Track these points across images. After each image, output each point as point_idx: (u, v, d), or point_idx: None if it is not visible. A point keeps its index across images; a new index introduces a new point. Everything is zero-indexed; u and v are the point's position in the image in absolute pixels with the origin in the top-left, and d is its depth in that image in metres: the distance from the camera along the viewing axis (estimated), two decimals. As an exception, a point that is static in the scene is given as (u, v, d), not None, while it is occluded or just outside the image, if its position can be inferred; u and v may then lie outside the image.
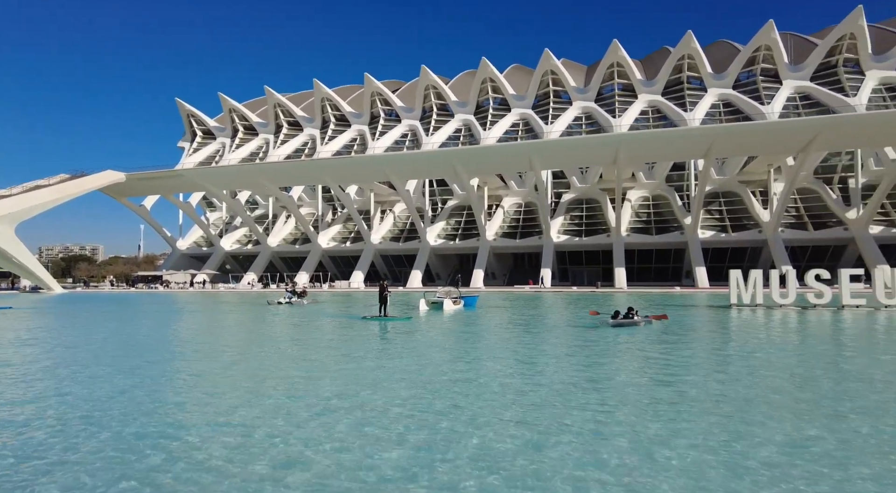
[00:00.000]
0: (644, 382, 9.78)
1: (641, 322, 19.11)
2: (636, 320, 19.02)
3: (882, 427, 6.80)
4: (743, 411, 7.63)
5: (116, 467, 5.71)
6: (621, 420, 7.16)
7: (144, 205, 76.57)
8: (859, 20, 61.15)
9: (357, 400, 8.45)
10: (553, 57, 71.05)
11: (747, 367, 11.26)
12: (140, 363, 12.35)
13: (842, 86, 61.48)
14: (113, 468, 5.66)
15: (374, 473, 5.45)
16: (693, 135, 54.06)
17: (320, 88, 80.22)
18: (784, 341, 16.03)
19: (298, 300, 35.33)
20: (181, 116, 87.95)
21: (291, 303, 34.35)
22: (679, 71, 68.21)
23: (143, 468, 5.66)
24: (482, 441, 6.34)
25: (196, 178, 68.92)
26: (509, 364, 11.88)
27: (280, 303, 34.07)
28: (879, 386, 9.25)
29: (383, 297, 23.68)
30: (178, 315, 28.52)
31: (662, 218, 63.05)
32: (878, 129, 49.04)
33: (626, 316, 19.05)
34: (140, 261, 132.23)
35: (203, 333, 20.52)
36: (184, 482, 5.28)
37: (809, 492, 4.92)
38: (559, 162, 62.01)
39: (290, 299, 35.57)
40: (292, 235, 77.38)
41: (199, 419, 7.52)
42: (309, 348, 15.24)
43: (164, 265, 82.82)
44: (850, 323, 20.34)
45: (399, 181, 62.97)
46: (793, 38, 67.98)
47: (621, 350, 13.83)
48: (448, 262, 71.05)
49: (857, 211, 54.21)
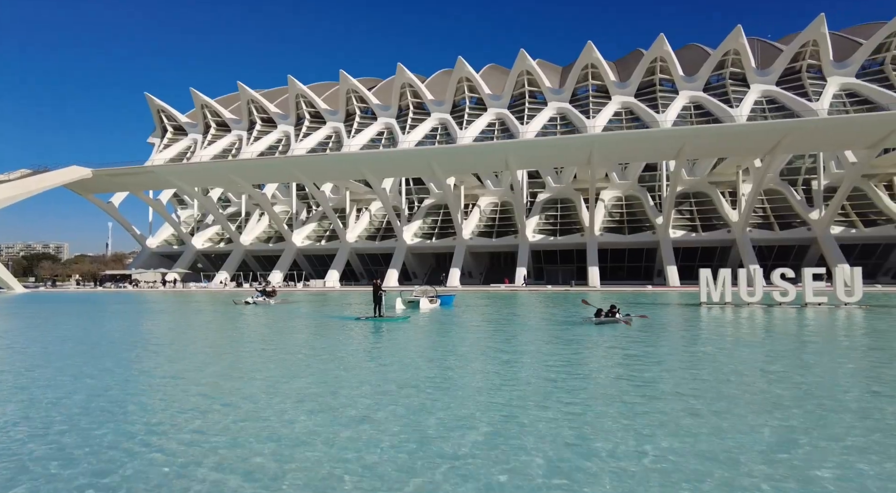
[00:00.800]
0: (631, 375, 10.01)
1: (623, 321, 19.64)
2: (618, 317, 19.55)
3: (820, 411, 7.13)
4: (712, 400, 7.90)
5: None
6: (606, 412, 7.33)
7: (112, 202, 74.46)
8: (821, 28, 63.34)
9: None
10: (529, 57, 71.66)
11: (716, 362, 11.62)
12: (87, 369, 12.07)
13: (805, 91, 63.60)
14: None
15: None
16: (665, 136, 55.16)
17: (295, 84, 79.27)
18: (752, 337, 16.55)
19: (265, 300, 34.07)
20: (151, 111, 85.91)
21: (256, 303, 33.12)
22: (652, 73, 69.57)
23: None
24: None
25: (167, 174, 67.34)
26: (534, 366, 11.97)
27: (248, 303, 33.01)
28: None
29: (377, 297, 22.88)
30: (139, 317, 27.75)
31: (635, 218, 64.18)
32: (839, 133, 50.83)
33: (609, 314, 19.61)
34: (108, 259, 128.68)
35: (169, 336, 20.06)
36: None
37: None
38: (535, 162, 62.56)
39: (256, 298, 34.39)
40: (266, 233, 76.29)
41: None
42: (294, 352, 14.69)
43: (134, 264, 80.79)
44: (812, 320, 21.08)
45: (375, 180, 62.65)
46: (760, 43, 70.03)
47: (608, 346, 14.10)
48: (425, 261, 71.02)
49: (819, 212, 56.11)
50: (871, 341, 15.99)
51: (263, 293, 35.68)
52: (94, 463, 5.81)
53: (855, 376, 10.30)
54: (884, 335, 17.15)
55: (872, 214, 57.53)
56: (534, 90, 73.22)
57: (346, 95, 78.54)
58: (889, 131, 47.48)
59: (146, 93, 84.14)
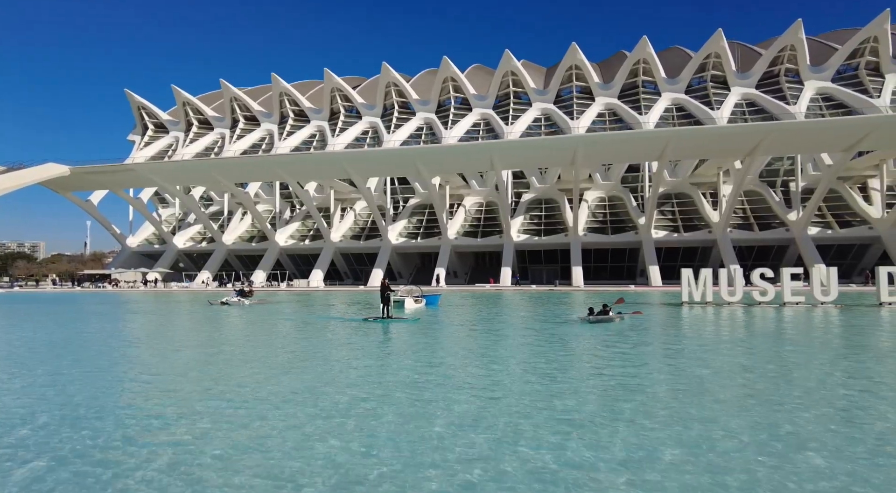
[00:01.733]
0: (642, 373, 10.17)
1: (616, 318, 20.26)
2: (611, 316, 20.14)
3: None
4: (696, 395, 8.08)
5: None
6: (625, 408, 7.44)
7: (91, 200, 73.04)
8: (799, 33, 64.73)
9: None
10: (513, 58, 72.02)
11: (700, 360, 11.85)
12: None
13: (783, 94, 64.94)
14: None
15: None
16: (648, 138, 55.85)
17: (278, 82, 78.63)
18: (732, 335, 16.89)
19: (240, 300, 33.15)
20: (131, 108, 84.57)
21: (229, 303, 32.22)
22: (635, 75, 70.39)
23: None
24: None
25: (148, 173, 66.26)
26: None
27: (223, 303, 32.31)
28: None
29: (386, 297, 21.92)
30: (105, 318, 27.38)
31: (618, 218, 64.87)
32: (816, 136, 51.96)
33: (602, 313, 20.17)
34: (86, 259, 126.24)
35: (144, 336, 19.83)
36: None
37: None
38: (519, 162, 62.87)
39: (231, 299, 33.58)
40: (249, 232, 75.52)
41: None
42: (305, 359, 13.67)
43: (113, 263, 79.37)
44: (790, 319, 21.56)
45: (360, 179, 62.41)
46: (740, 47, 71.31)
47: (609, 344, 14.31)
48: (410, 261, 70.96)
49: (797, 213, 57.30)
50: (844, 339, 16.42)
51: (240, 294, 34.91)
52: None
53: (828, 371, 10.59)
54: (860, 333, 17.61)
55: (847, 216, 58.91)
56: (518, 91, 73.60)
57: (331, 93, 78.13)
58: (863, 135, 48.67)
59: (126, 89, 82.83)
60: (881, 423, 7.04)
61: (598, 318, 19.78)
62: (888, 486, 5.10)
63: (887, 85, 63.05)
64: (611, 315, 20.12)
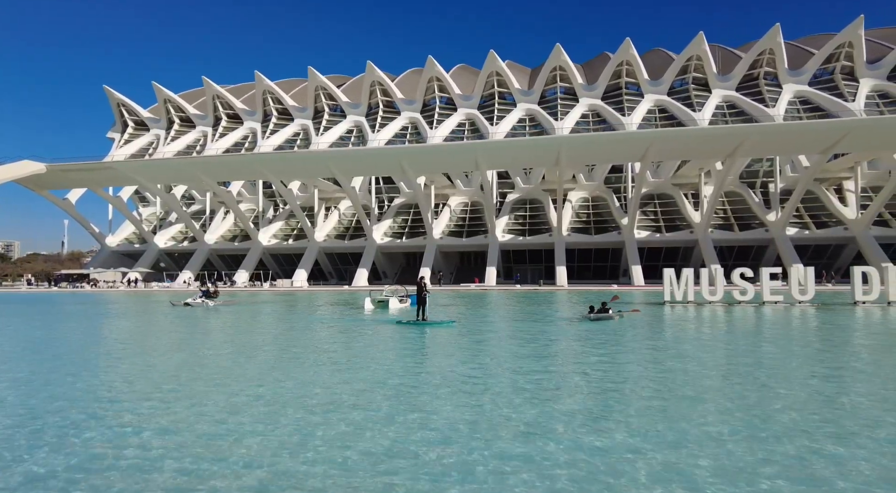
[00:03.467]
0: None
1: (615, 317, 21.04)
2: (611, 314, 20.94)
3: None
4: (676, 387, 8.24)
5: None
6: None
7: (69, 198, 71.57)
8: (777, 37, 66.05)
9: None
10: (498, 58, 72.31)
11: (681, 356, 12.07)
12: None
13: (763, 97, 66.21)
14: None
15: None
16: (631, 139, 56.49)
17: (262, 80, 77.94)
18: (713, 334, 17.19)
19: (204, 301, 31.54)
20: (111, 105, 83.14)
21: (192, 305, 30.82)
22: (618, 76, 71.15)
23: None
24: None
25: (128, 171, 65.14)
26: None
27: (186, 304, 30.92)
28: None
29: (422, 297, 19.92)
30: (51, 320, 26.53)
31: (601, 218, 65.50)
32: (795, 138, 53.07)
33: (602, 311, 20.98)
34: (64, 258, 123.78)
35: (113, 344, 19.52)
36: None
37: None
38: (504, 163, 63.10)
39: (195, 299, 31.86)
40: (231, 231, 74.68)
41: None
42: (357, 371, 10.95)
43: (92, 263, 77.85)
44: (769, 318, 22.00)
45: (344, 178, 62.11)
46: (721, 50, 72.45)
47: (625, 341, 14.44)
48: (395, 260, 70.81)
49: (776, 214, 58.41)
50: (820, 336, 16.80)
51: (204, 294, 32.97)
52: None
53: (802, 365, 10.85)
54: (833, 331, 18.04)
55: (824, 217, 60.23)
56: (503, 91, 73.93)
57: (315, 91, 77.67)
58: (839, 137, 49.81)
59: (105, 86, 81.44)
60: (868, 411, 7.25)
61: (598, 316, 20.67)
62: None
63: (862, 89, 64.62)
64: (610, 313, 20.92)
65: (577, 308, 27.18)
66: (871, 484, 5.11)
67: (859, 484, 5.11)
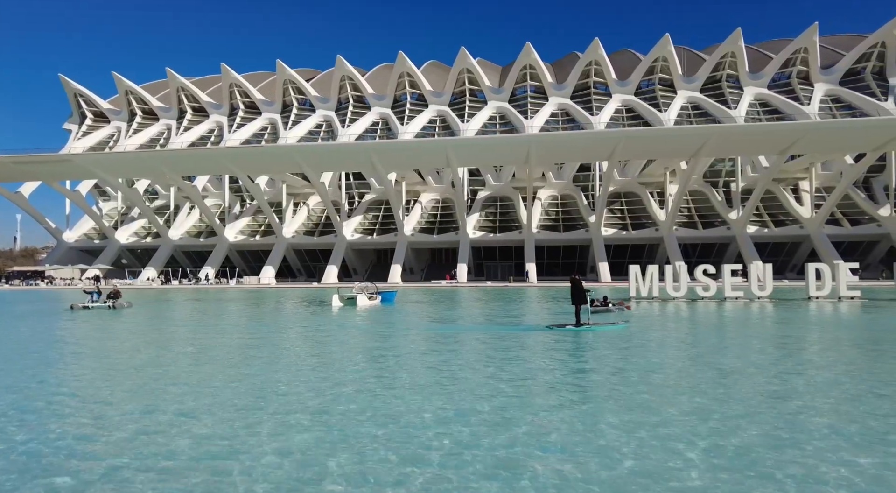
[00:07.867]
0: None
1: (615, 310, 22.33)
2: (610, 307, 22.50)
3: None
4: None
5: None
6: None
7: (21, 192, 68.53)
8: (738, 41, 68.22)
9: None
10: (469, 56, 72.53)
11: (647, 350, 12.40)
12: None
13: (725, 99, 68.30)
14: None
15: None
16: (599, 138, 57.51)
17: (229, 72, 76.28)
18: (677, 327, 17.71)
19: (100, 303, 27.06)
20: (67, 95, 79.98)
21: (89, 307, 26.41)
22: (587, 76, 72.29)
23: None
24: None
25: (87, 164, 62.78)
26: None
27: (87, 307, 26.48)
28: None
29: (581, 297, 15.91)
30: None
31: (570, 216, 66.52)
32: (755, 139, 54.96)
33: (602, 304, 22.41)
34: (16, 255, 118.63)
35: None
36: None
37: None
38: (475, 160, 63.42)
39: (90, 301, 27.12)
40: (196, 227, 72.91)
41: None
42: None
43: (48, 259, 74.84)
44: (729, 312, 22.79)
45: (314, 173, 61.34)
46: (686, 52, 74.41)
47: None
48: (365, 257, 70.38)
49: (737, 212, 60.41)
50: (777, 331, 17.51)
51: (111, 296, 27.10)
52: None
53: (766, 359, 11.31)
54: (787, 325, 18.82)
55: (781, 215, 62.60)
56: (474, 89, 74.23)
57: (283, 85, 76.45)
58: (795, 139, 51.81)
59: (61, 75, 78.27)
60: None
61: (596, 309, 21.49)
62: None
63: (816, 93, 67.34)
64: (610, 306, 22.33)
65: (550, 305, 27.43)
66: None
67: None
